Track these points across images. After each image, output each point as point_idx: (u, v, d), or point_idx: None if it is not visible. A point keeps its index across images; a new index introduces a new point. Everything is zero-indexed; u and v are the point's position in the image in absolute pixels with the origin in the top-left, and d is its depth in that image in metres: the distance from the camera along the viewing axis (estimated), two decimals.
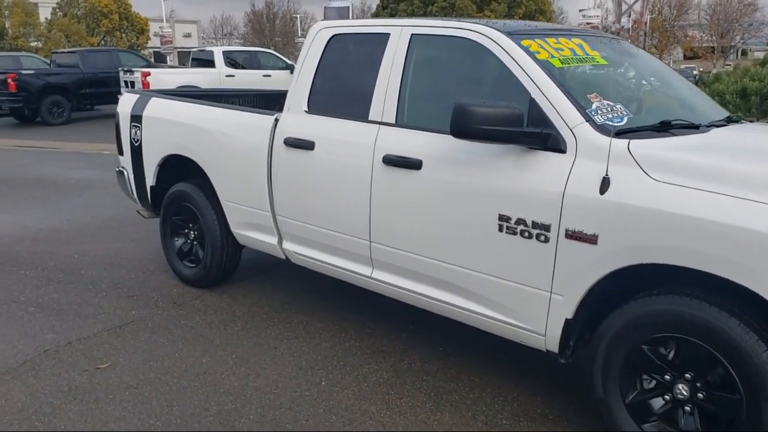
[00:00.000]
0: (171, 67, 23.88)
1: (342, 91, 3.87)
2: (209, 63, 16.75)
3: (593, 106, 2.91)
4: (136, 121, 4.90)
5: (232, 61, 16.96)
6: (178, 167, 4.73)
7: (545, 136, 2.86)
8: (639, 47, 4.15)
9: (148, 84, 14.85)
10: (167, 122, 4.70)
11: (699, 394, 2.53)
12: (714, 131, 3.10)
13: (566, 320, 2.85)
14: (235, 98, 5.85)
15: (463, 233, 3.13)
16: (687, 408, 2.57)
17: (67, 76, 16.84)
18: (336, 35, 3.89)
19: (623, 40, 4.12)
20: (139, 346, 3.86)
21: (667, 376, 2.62)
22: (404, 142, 3.37)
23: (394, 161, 3.37)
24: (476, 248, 3.09)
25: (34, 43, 37.29)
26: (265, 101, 6.03)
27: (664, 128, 2.95)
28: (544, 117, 2.89)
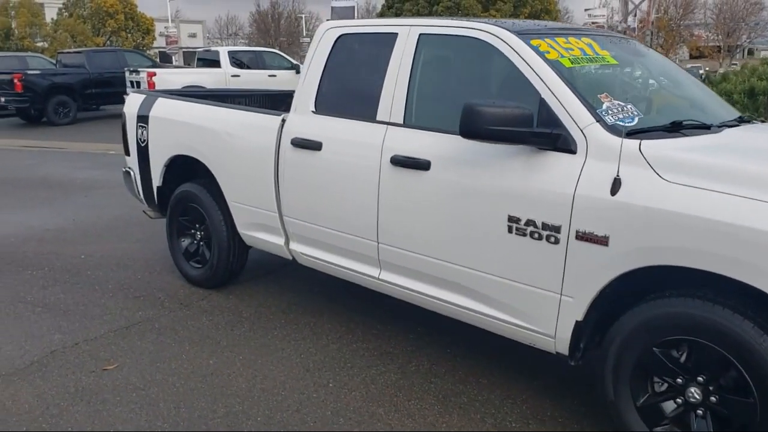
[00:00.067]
0: (176, 67, 23.88)
1: (349, 92, 3.85)
2: (215, 63, 16.76)
3: (604, 106, 2.88)
4: (143, 121, 4.89)
5: (237, 61, 16.97)
6: (185, 168, 4.72)
7: (555, 137, 2.83)
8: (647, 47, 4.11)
9: (153, 84, 14.87)
10: (174, 123, 4.70)
11: (712, 398, 2.51)
12: (726, 131, 3.07)
13: (576, 322, 2.83)
14: (241, 98, 5.83)
15: (472, 234, 3.11)
16: (699, 411, 2.54)
17: (73, 77, 16.87)
18: (343, 35, 3.87)
19: (633, 39, 4.09)
20: (146, 347, 3.85)
21: (679, 379, 2.59)
22: (412, 142, 3.35)
23: (402, 162, 3.35)
24: (485, 250, 3.07)
25: (40, 44, 37.39)
26: (271, 101, 6.02)
27: (676, 128, 2.92)
28: (554, 117, 2.87)
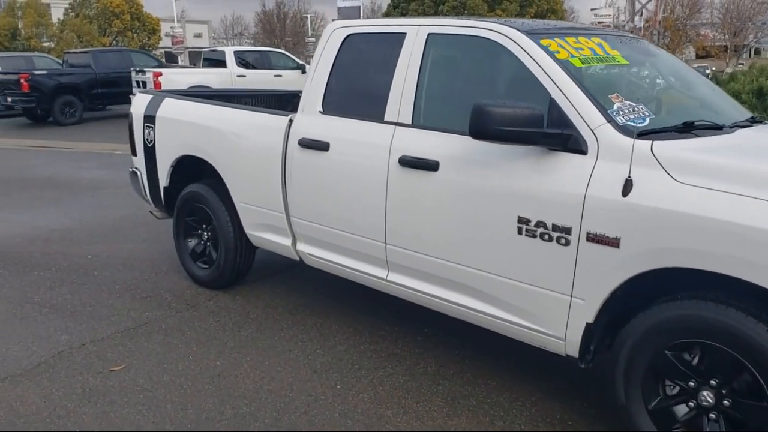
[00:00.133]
0: (182, 67, 23.92)
1: (357, 92, 3.83)
2: (220, 63, 16.77)
3: (615, 107, 2.85)
4: (150, 121, 4.88)
5: (243, 61, 16.97)
6: (192, 168, 4.71)
7: (566, 137, 2.81)
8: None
9: (159, 84, 14.88)
10: (181, 123, 4.68)
11: (725, 401, 2.48)
12: (739, 132, 3.04)
13: (587, 325, 2.80)
14: (248, 98, 5.82)
15: (481, 236, 3.08)
16: (712, 415, 2.51)
17: (79, 77, 16.91)
18: (351, 35, 3.85)
19: (643, 39, 4.05)
20: (153, 348, 3.84)
21: (691, 383, 2.56)
22: (421, 142, 3.33)
23: (411, 162, 3.33)
24: (495, 251, 3.04)
25: (46, 44, 37.48)
26: (277, 101, 6.01)
27: (687, 129, 2.89)
28: (565, 118, 2.84)
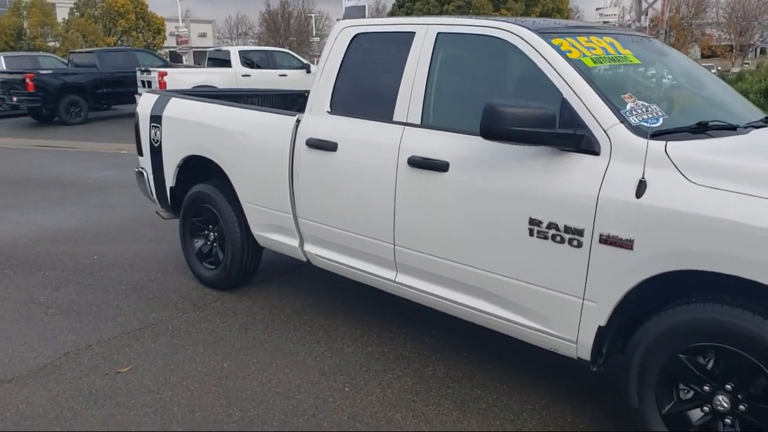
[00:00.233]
0: (187, 66, 23.92)
1: (365, 92, 3.80)
2: (225, 63, 16.76)
3: (628, 107, 2.82)
4: (156, 121, 4.86)
5: (248, 60, 16.96)
6: (198, 168, 4.68)
7: (578, 138, 2.77)
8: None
9: (165, 84, 14.88)
10: (187, 123, 4.66)
11: (740, 406, 2.44)
12: (753, 132, 3.00)
13: (599, 327, 2.77)
14: (254, 98, 5.80)
15: (492, 237, 3.05)
16: (727, 420, 2.47)
17: (84, 76, 16.91)
18: (359, 34, 3.82)
19: (654, 38, 4.01)
20: (160, 350, 3.82)
21: (706, 387, 2.52)
22: (430, 143, 3.30)
23: (420, 163, 3.29)
24: (505, 253, 3.01)
25: (51, 43, 37.53)
26: (283, 101, 5.98)
27: (701, 129, 2.85)
28: (577, 118, 2.80)
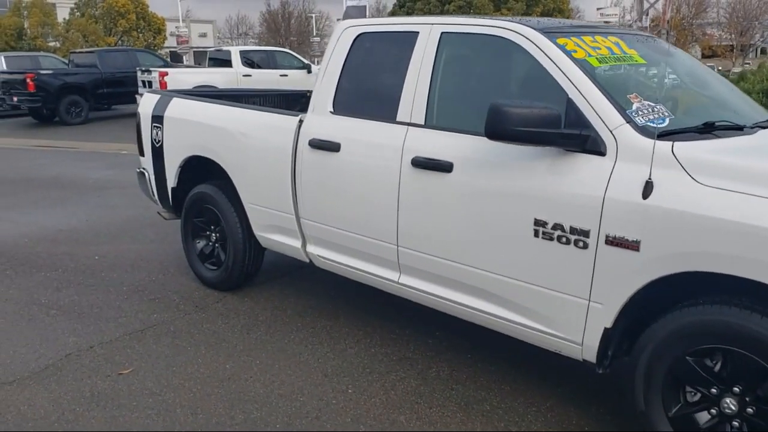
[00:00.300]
0: (187, 66, 23.91)
1: (369, 92, 3.78)
2: (226, 63, 16.75)
3: (634, 107, 2.80)
4: (158, 121, 4.84)
5: (248, 60, 16.95)
6: (200, 169, 4.66)
7: (584, 138, 2.75)
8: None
9: (165, 84, 14.87)
10: (189, 123, 4.64)
11: (749, 409, 2.42)
12: (760, 132, 2.98)
13: (605, 329, 2.75)
14: (255, 98, 5.78)
15: (496, 238, 3.03)
16: (735, 423, 2.45)
17: (84, 76, 16.89)
18: (362, 34, 3.80)
19: (658, 38, 3.99)
20: (162, 351, 3.80)
21: (713, 389, 2.50)
22: (434, 143, 3.28)
23: (424, 163, 3.27)
24: (510, 254, 2.99)
25: (52, 43, 37.50)
26: (285, 101, 5.96)
27: (708, 130, 2.83)
28: (583, 118, 2.78)
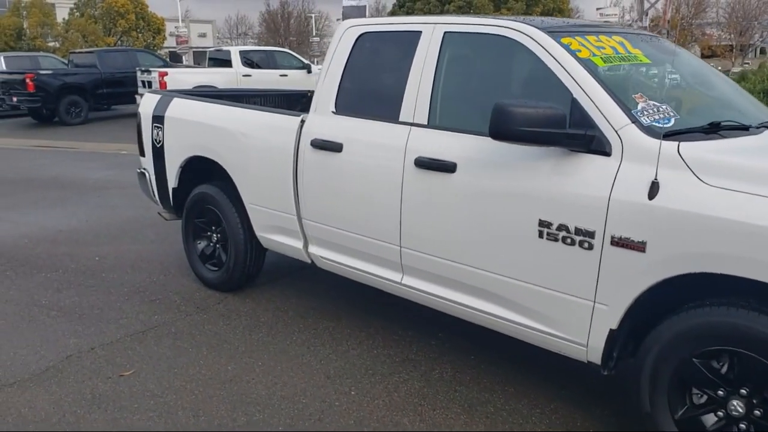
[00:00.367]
0: (187, 66, 23.88)
1: (371, 91, 3.76)
2: (226, 63, 16.72)
3: (639, 107, 2.78)
4: (158, 121, 4.82)
5: (248, 60, 16.92)
6: (201, 169, 4.64)
7: (589, 138, 2.73)
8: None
9: (165, 84, 14.83)
10: (190, 123, 4.62)
11: (756, 411, 2.40)
12: (766, 132, 2.96)
13: (610, 330, 2.73)
14: (256, 98, 5.76)
15: (500, 239, 3.01)
16: (742, 425, 2.43)
17: (84, 76, 16.85)
18: (365, 33, 3.78)
19: (662, 38, 3.97)
20: (163, 353, 3.77)
21: (720, 392, 2.48)
22: (437, 143, 3.26)
23: (427, 164, 3.25)
24: (514, 255, 2.97)
25: (51, 44, 37.44)
26: (286, 101, 5.94)
27: (714, 130, 2.81)
28: (588, 118, 2.76)
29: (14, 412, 3.16)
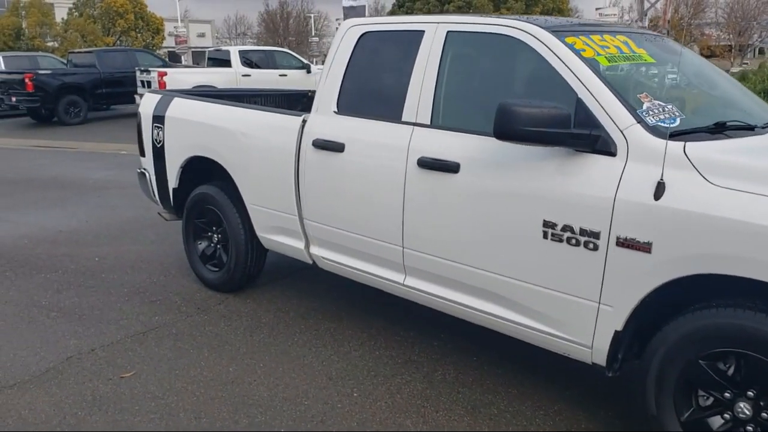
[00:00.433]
0: (186, 66, 23.84)
1: (373, 91, 3.73)
2: (225, 63, 16.68)
3: (644, 107, 2.76)
4: (159, 121, 4.80)
5: (248, 60, 16.88)
6: (202, 169, 4.62)
7: (594, 138, 2.71)
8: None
9: (164, 84, 14.80)
10: (191, 123, 4.59)
11: (763, 414, 2.38)
12: None
13: (615, 332, 2.71)
14: (256, 98, 5.73)
15: (504, 240, 2.99)
16: (749, 428, 2.41)
17: (83, 76, 16.80)
18: (367, 33, 3.76)
19: (666, 37, 3.96)
20: (164, 354, 3.75)
21: (726, 394, 2.46)
22: (440, 143, 3.24)
23: (430, 164, 3.23)
24: (518, 256, 2.95)
25: (50, 43, 37.41)
26: (287, 101, 5.92)
27: (719, 130, 2.79)
28: (593, 118, 2.74)
29: (14, 414, 3.14)
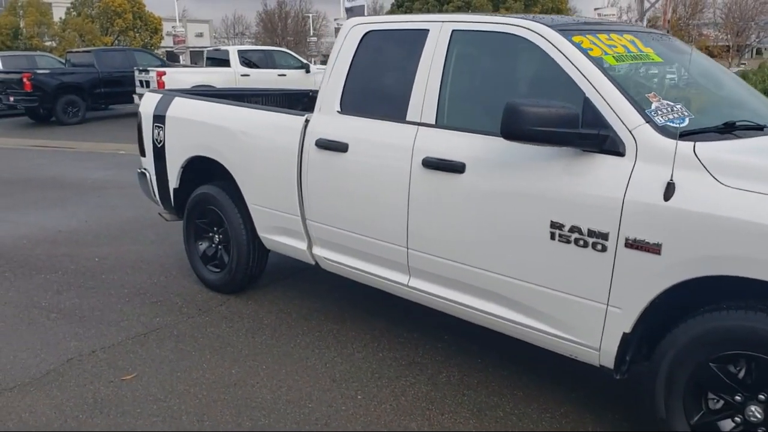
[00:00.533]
0: (184, 66, 23.77)
1: (377, 91, 3.70)
2: (224, 62, 16.63)
3: (653, 107, 2.73)
4: (159, 121, 4.76)
5: (247, 60, 16.83)
6: (203, 169, 4.58)
7: (602, 138, 2.68)
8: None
9: (163, 83, 14.75)
10: (192, 123, 4.56)
11: None
12: None
13: (624, 334, 2.68)
14: (257, 98, 5.70)
15: (510, 241, 2.96)
16: (760, 431, 2.39)
17: (82, 76, 16.74)
18: (371, 32, 3.72)
19: (672, 37, 3.93)
20: (165, 356, 3.71)
21: (737, 397, 2.43)
22: (445, 143, 3.20)
23: (435, 164, 3.20)
24: (525, 257, 2.92)
25: (48, 43, 37.30)
26: (288, 101, 5.88)
27: (729, 130, 2.76)
28: (601, 118, 2.71)
29: (15, 417, 3.10)
